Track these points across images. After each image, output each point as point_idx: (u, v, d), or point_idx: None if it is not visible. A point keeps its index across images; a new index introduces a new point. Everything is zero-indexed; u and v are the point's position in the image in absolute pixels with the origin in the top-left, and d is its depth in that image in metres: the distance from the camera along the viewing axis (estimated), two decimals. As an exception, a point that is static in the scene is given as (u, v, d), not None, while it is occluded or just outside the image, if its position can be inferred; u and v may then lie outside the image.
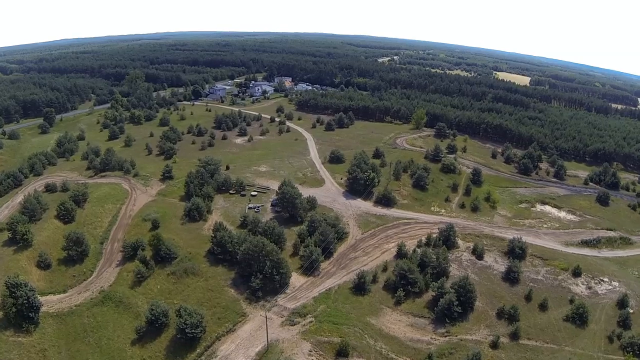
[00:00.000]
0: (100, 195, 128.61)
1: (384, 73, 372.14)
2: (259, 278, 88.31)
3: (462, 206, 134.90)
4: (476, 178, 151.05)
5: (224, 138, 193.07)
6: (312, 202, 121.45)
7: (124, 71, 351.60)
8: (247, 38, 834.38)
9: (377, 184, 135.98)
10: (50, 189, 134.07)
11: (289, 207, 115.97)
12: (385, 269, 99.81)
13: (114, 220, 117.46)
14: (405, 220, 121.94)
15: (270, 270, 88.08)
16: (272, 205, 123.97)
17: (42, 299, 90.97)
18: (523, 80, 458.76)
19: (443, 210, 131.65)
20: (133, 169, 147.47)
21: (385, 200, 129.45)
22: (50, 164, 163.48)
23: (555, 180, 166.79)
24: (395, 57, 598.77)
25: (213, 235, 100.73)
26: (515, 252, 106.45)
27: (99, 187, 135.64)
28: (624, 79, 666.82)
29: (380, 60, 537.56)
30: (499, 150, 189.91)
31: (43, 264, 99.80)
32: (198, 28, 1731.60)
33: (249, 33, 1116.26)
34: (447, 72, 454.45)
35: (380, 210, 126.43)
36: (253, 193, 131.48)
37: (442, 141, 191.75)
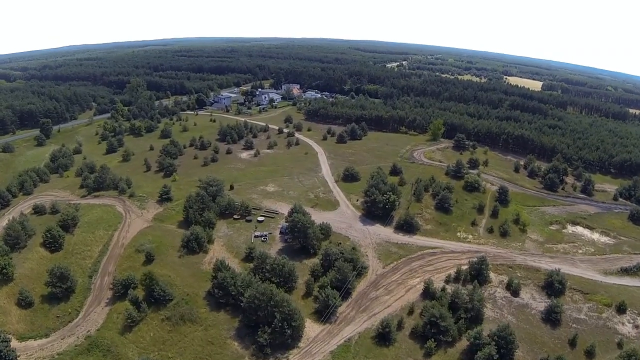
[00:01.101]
0: (91, 220, 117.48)
1: (395, 79, 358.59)
2: (267, 332, 75.79)
3: (490, 230, 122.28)
4: (503, 197, 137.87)
5: (229, 152, 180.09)
6: (326, 231, 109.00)
7: (127, 79, 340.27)
8: (253, 44, 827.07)
9: (397, 206, 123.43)
10: (38, 210, 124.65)
11: (301, 238, 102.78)
12: (411, 312, 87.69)
13: (105, 249, 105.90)
14: (430, 250, 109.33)
15: (280, 324, 75.48)
16: (281, 232, 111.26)
17: (21, 344, 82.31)
18: (535, 85, 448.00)
19: (470, 236, 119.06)
20: (129, 188, 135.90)
21: (407, 226, 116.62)
22: (42, 181, 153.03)
23: (583, 196, 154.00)
24: (404, 62, 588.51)
25: (214, 275, 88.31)
26: (555, 287, 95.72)
27: (91, 209, 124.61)
28: (634, 81, 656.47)
29: (388, 65, 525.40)
30: (522, 163, 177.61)
31: (24, 302, 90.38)
32: (204, 34, 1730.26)
33: (255, 39, 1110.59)
34: (458, 77, 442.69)
35: (402, 238, 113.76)
36: (260, 218, 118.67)
37: (461, 154, 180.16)
